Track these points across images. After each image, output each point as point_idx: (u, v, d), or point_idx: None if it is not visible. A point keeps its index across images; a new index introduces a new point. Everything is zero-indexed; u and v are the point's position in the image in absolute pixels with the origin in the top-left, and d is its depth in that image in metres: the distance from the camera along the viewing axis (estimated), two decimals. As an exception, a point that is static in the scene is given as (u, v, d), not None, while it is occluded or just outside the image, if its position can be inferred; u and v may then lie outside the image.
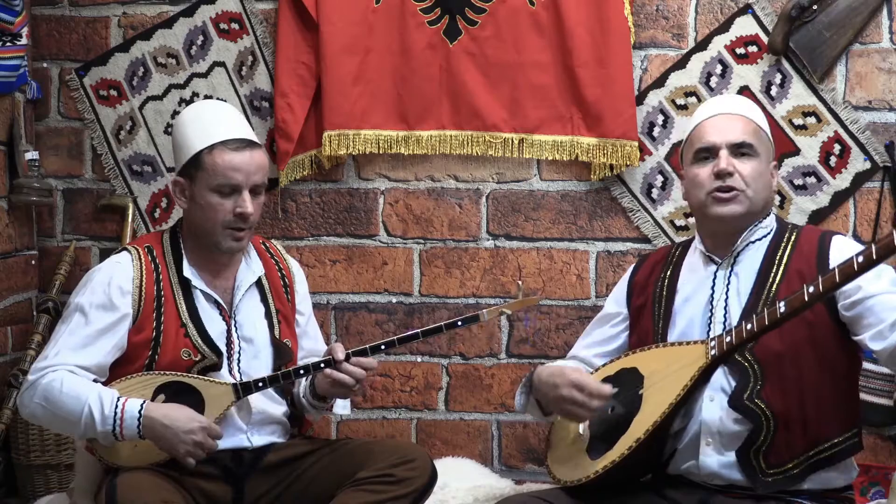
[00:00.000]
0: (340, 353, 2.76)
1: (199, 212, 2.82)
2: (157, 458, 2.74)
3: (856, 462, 3.16)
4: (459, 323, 2.81)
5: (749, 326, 2.42)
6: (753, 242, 2.64)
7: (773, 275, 2.57)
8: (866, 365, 3.30)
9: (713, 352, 2.46)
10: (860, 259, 2.26)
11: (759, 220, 2.64)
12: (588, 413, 2.55)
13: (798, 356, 2.50)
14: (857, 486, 3.31)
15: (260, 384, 2.77)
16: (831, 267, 2.40)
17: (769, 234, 2.65)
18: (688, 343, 2.55)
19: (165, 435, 2.66)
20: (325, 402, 2.91)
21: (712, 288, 2.63)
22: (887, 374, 3.33)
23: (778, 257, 2.60)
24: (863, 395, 3.30)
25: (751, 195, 2.60)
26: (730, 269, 2.63)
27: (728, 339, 2.45)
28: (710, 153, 2.64)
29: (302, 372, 2.80)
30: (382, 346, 2.79)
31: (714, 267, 2.66)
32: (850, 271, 2.26)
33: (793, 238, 2.63)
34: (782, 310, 2.37)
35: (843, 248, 2.52)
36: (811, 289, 2.32)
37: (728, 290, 2.61)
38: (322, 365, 2.77)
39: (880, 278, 2.47)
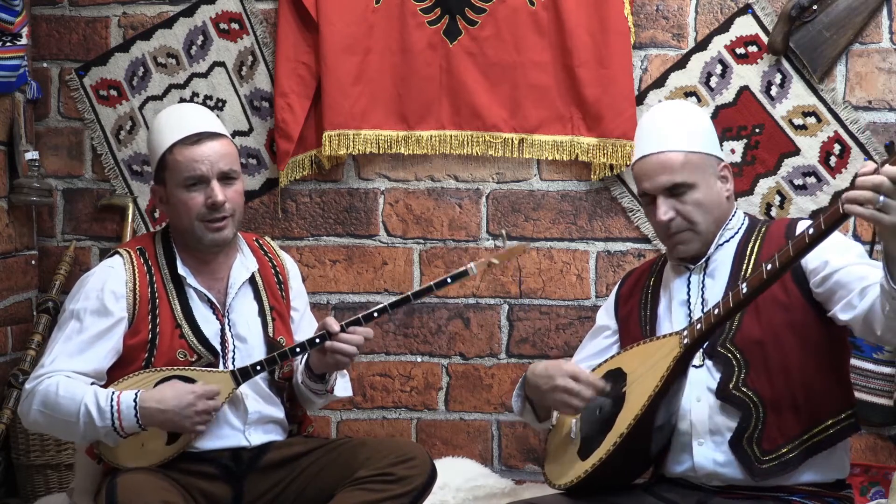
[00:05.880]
0: (335, 325, 2.76)
1: (174, 212, 2.84)
2: (162, 457, 2.75)
3: (856, 462, 3.15)
4: (449, 280, 2.81)
5: (716, 311, 2.45)
6: (723, 245, 2.67)
7: (744, 268, 2.60)
8: (866, 365, 3.31)
9: (686, 340, 2.49)
10: (811, 231, 2.28)
11: (725, 224, 2.68)
12: (581, 402, 2.58)
13: (779, 341, 2.53)
14: (857, 486, 3.31)
15: (258, 367, 2.77)
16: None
17: (738, 232, 2.68)
18: (665, 336, 2.58)
19: (166, 418, 2.67)
20: (324, 383, 2.89)
21: (688, 292, 2.67)
22: (887, 374, 3.33)
23: (748, 252, 2.63)
24: (863, 395, 3.31)
25: (701, 229, 2.64)
26: (703, 272, 2.67)
27: (698, 325, 2.48)
28: (649, 197, 2.68)
29: (298, 350, 2.79)
30: (375, 314, 2.78)
31: (688, 273, 2.70)
32: (803, 244, 2.28)
33: (762, 231, 2.67)
34: (744, 290, 2.39)
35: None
36: (769, 266, 2.35)
37: (703, 291, 2.65)
38: (318, 340, 2.77)
39: (846, 253, 2.50)
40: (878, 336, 2.36)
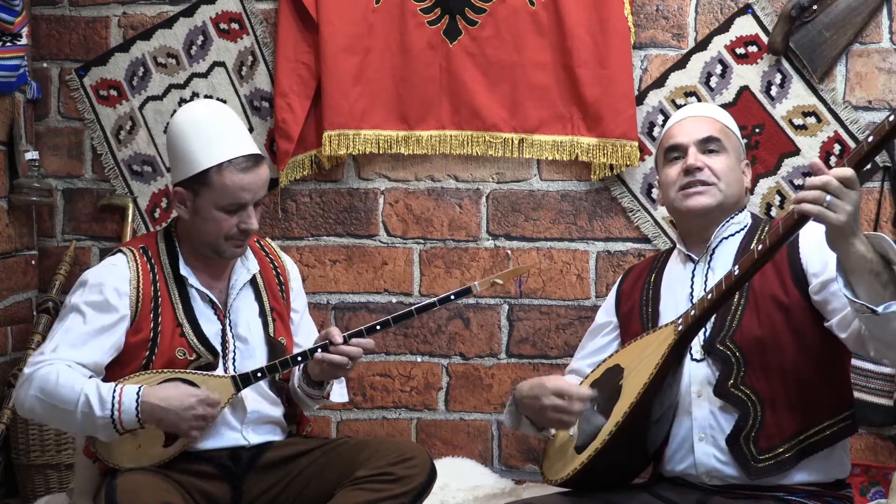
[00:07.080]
0: (338, 336, 2.76)
1: (201, 224, 2.80)
2: (159, 459, 2.75)
3: (856, 462, 3.14)
4: (452, 297, 2.83)
5: (710, 296, 2.45)
6: (728, 238, 2.69)
7: None
8: (866, 365, 3.31)
9: (680, 327, 2.49)
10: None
11: (732, 216, 2.70)
12: (572, 417, 2.60)
13: (778, 341, 2.53)
14: (857, 486, 3.30)
15: (259, 374, 2.77)
16: (799, 243, 2.53)
17: (744, 229, 2.70)
18: (661, 327, 2.59)
19: (166, 416, 2.67)
20: (320, 389, 2.91)
21: (691, 285, 2.67)
22: (887, 374, 3.33)
23: (751, 248, 2.63)
24: (863, 395, 3.31)
25: (723, 188, 2.67)
26: (707, 264, 2.68)
27: (692, 312, 2.49)
28: (678, 152, 2.71)
29: (300, 358, 2.80)
30: (378, 327, 2.80)
31: (692, 265, 2.71)
32: (791, 222, 2.29)
33: (765, 228, 2.68)
34: (736, 272, 2.40)
35: (810, 228, 2.52)
36: (759, 247, 2.36)
37: (706, 284, 2.65)
38: (319, 350, 2.78)
39: None
40: (872, 357, 2.37)
